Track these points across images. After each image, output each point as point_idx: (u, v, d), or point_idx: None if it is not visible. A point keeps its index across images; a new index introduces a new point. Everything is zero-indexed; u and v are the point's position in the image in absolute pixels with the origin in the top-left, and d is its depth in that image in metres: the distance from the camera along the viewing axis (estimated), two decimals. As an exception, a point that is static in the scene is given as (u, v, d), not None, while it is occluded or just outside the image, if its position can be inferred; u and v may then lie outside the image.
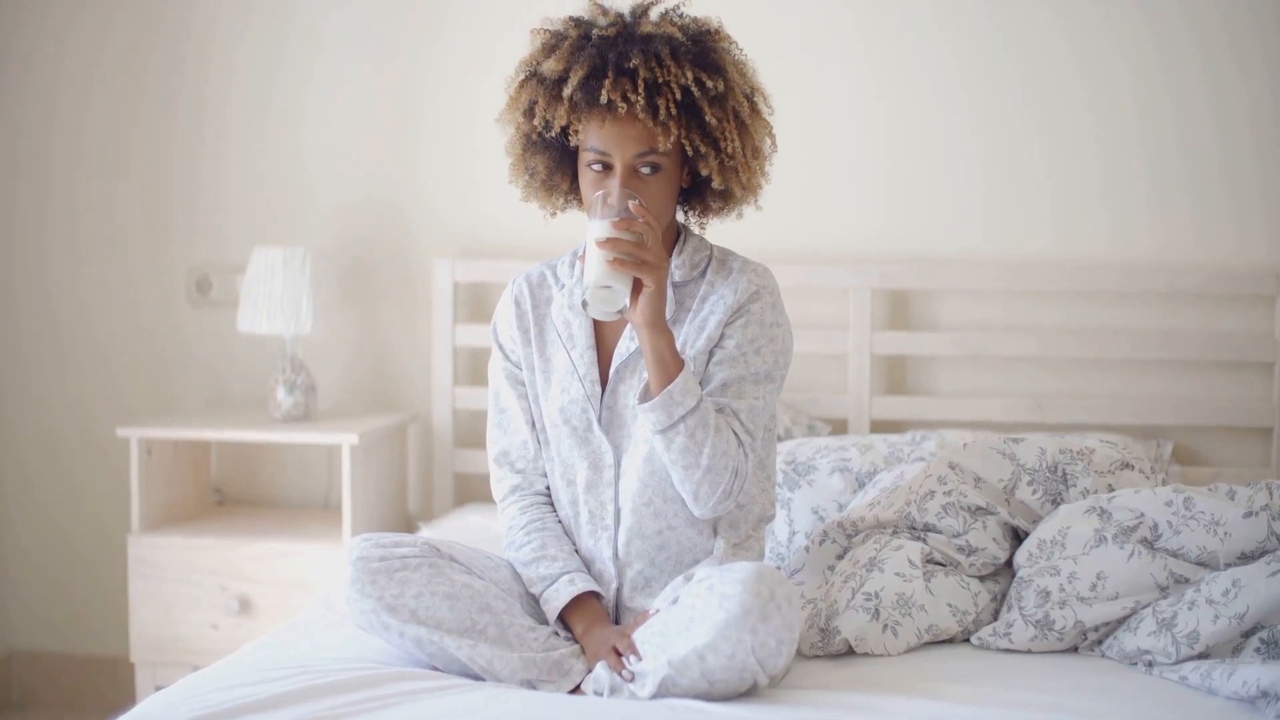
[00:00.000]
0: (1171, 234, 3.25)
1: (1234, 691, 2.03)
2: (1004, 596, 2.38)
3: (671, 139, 2.12)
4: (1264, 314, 3.20)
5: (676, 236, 2.28)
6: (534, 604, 2.23)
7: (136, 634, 3.25)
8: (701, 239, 2.30)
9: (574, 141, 2.17)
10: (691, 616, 1.99)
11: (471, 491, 3.50)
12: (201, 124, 3.58)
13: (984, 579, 2.40)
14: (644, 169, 2.14)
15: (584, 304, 2.10)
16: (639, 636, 2.06)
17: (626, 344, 2.23)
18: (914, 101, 3.32)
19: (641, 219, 2.08)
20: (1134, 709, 2.00)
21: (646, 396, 2.14)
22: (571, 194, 2.28)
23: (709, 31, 2.19)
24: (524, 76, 2.20)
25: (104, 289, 3.64)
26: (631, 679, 2.02)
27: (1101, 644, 2.27)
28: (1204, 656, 2.16)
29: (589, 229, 2.10)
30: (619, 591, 2.23)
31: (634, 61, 2.10)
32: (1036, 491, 2.43)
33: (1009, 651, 2.28)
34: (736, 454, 2.15)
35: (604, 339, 2.26)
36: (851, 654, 2.24)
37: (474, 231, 3.49)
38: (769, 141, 2.24)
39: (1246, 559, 2.25)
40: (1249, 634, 2.15)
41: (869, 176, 3.36)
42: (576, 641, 2.17)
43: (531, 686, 2.09)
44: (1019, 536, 2.45)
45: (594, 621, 2.17)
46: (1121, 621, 2.26)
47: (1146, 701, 2.03)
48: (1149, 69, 3.23)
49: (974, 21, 3.29)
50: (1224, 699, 2.05)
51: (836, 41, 3.34)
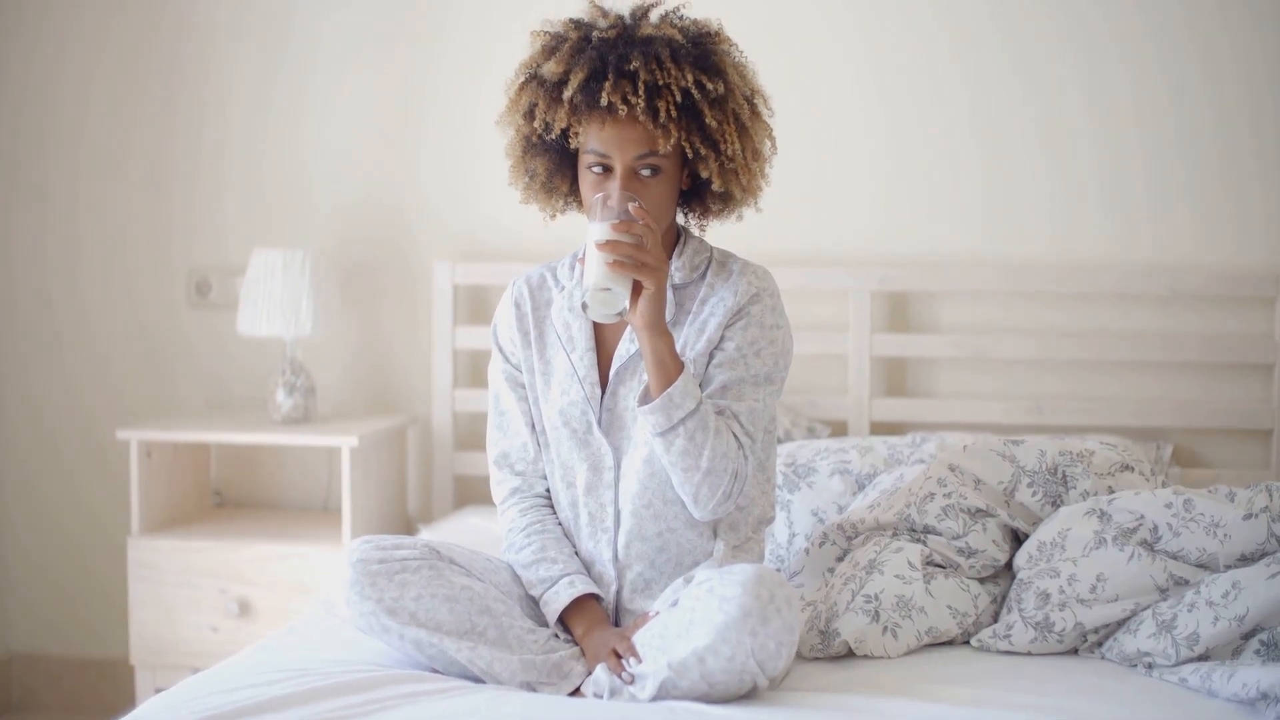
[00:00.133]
0: (1171, 236, 3.25)
1: (1234, 693, 2.02)
2: (1004, 598, 2.38)
3: (671, 141, 2.11)
4: (1264, 316, 3.20)
5: (676, 239, 2.28)
6: (534, 606, 2.23)
7: (136, 636, 3.25)
8: (701, 241, 2.29)
9: (574, 144, 2.17)
10: (691, 619, 1.99)
11: (471, 494, 3.50)
12: (201, 124, 3.58)
13: (984, 581, 2.40)
14: (644, 171, 2.13)
15: (584, 306, 2.10)
16: (639, 639, 2.06)
17: (626, 346, 2.23)
18: (914, 103, 3.32)
19: (641, 221, 2.08)
20: (1134, 711, 2.00)
21: (646, 399, 2.14)
22: (571, 196, 2.28)
23: (709, 34, 2.19)
24: (524, 79, 2.20)
25: (104, 291, 3.64)
26: (631, 681, 2.02)
27: (1101, 646, 2.27)
28: (1204, 658, 2.16)
29: (589, 231, 2.10)
30: (619, 594, 2.23)
31: (634, 64, 2.10)
32: (1036, 493, 2.43)
33: (1009, 653, 2.28)
34: (736, 456, 2.14)
35: (604, 341, 2.26)
36: (851, 656, 2.24)
37: (474, 233, 3.48)
38: (769, 144, 2.24)
39: (1246, 561, 2.25)
40: (1249, 636, 2.15)
41: (869, 178, 3.36)
42: (576, 644, 2.17)
43: (531, 689, 2.08)
44: (1019, 538, 2.44)
45: (594, 624, 2.17)
46: (1121, 623, 2.26)
47: (1146, 703, 2.03)
48: (1149, 70, 3.23)
49: (974, 22, 3.29)
50: (1224, 701, 2.04)
51: (836, 42, 3.34)
